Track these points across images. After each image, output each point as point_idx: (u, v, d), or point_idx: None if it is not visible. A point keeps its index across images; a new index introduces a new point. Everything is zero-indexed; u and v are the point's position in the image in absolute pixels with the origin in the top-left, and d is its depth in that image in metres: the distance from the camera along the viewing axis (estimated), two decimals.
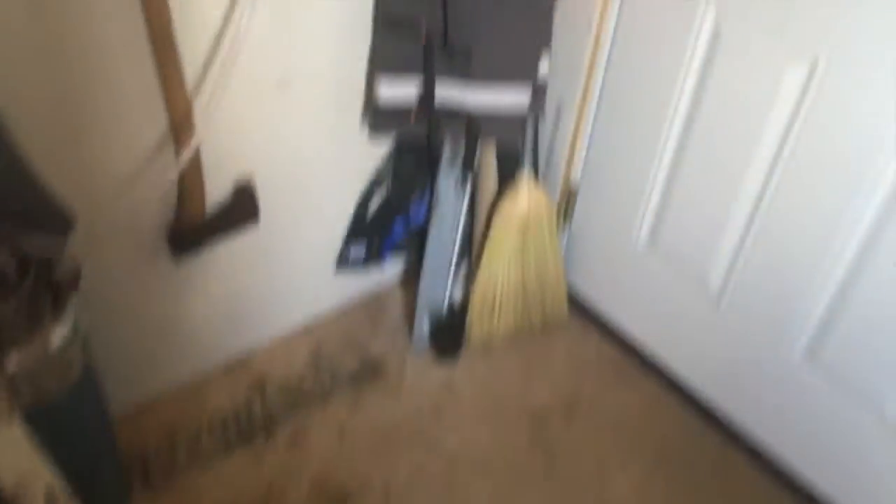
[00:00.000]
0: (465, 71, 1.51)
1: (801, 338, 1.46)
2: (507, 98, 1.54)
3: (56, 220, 1.14)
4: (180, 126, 1.34)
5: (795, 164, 1.35)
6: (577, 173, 1.79)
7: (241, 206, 1.55)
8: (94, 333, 1.18)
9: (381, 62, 1.55)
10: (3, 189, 1.08)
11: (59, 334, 1.07)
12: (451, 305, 1.84)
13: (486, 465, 1.63)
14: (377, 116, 1.61)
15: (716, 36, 1.40)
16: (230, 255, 1.60)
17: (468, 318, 1.80)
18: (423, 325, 1.82)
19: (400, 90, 1.56)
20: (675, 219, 1.62)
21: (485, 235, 1.74)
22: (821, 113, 1.28)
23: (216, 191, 1.50)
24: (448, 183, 1.69)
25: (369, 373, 1.79)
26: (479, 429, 1.70)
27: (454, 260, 1.76)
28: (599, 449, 1.67)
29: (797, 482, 1.57)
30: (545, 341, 1.89)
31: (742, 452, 1.66)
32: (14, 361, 1.01)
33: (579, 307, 1.94)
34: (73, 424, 1.17)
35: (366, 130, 1.69)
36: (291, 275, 1.76)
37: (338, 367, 1.79)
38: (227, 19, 1.32)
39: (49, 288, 1.05)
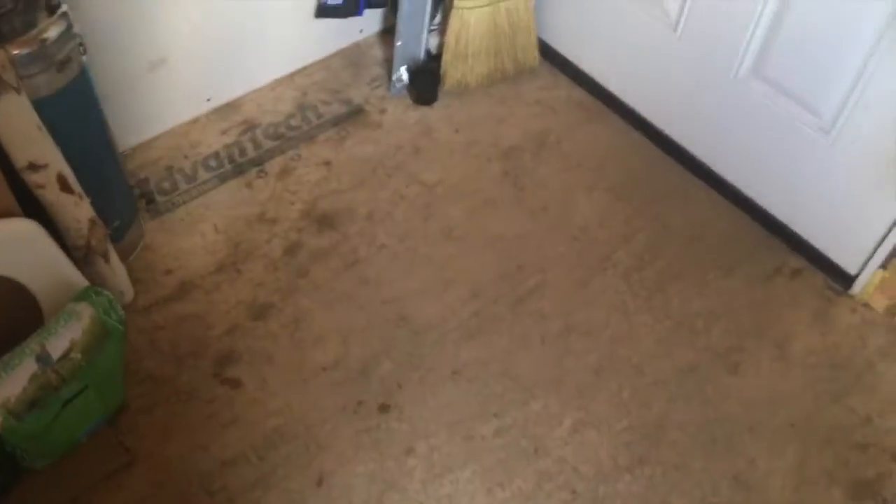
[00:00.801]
0: None
1: (748, 56, 1.56)
2: None
3: None
4: None
5: None
6: None
7: None
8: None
9: None
10: None
11: (54, 31, 1.17)
12: (427, 53, 1.92)
13: (460, 193, 1.77)
14: None
15: None
16: None
17: (443, 64, 1.89)
18: (401, 72, 1.92)
19: None
20: None
21: None
22: None
23: None
24: None
25: (352, 116, 1.90)
26: (454, 163, 1.83)
27: (429, 7, 1.83)
28: (566, 179, 1.81)
29: (747, 201, 1.73)
30: (517, 86, 1.99)
31: (697, 179, 1.80)
32: (15, 46, 1.12)
33: (550, 55, 2.02)
34: (76, 119, 1.29)
35: None
36: (275, 23, 1.83)
37: (322, 111, 1.90)
38: None
39: None
